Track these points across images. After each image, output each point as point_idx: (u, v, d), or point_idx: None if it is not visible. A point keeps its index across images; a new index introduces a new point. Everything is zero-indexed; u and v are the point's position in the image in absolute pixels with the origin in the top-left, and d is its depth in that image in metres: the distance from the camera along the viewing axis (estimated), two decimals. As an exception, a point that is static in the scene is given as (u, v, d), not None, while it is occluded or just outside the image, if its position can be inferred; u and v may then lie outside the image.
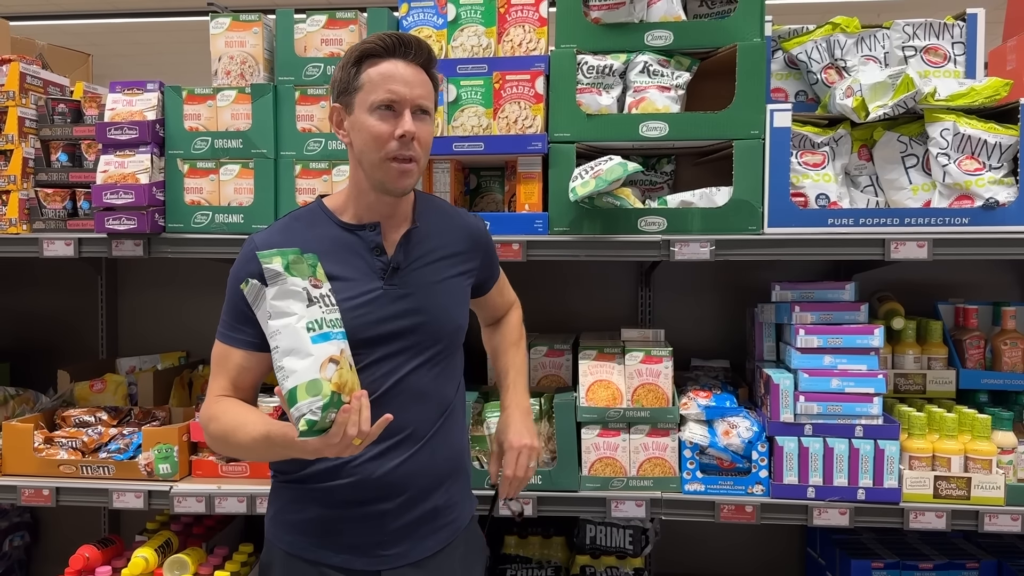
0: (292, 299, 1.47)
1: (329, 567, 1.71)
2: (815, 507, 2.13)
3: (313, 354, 1.43)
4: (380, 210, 1.73)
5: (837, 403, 2.14)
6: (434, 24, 2.33)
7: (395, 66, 1.64)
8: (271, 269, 1.47)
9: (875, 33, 2.40)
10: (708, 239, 2.13)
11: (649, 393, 2.24)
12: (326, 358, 1.44)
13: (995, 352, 2.37)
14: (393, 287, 1.70)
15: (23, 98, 2.53)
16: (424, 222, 1.79)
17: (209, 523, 2.62)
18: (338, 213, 1.75)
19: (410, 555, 1.73)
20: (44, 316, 3.07)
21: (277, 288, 1.47)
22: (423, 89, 1.66)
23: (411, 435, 1.71)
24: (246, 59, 2.37)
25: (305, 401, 1.40)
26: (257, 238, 1.72)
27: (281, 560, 1.75)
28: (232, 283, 1.70)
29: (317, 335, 1.45)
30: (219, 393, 1.71)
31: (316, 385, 1.41)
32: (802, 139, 2.26)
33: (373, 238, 1.71)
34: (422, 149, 1.67)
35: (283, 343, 1.45)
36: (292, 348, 1.44)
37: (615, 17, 2.25)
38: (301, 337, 1.44)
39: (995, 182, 2.14)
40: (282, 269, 1.47)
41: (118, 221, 2.27)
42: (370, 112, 1.63)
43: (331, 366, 1.44)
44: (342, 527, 1.71)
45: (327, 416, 1.41)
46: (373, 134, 1.63)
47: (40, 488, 2.32)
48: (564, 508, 2.23)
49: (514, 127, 2.25)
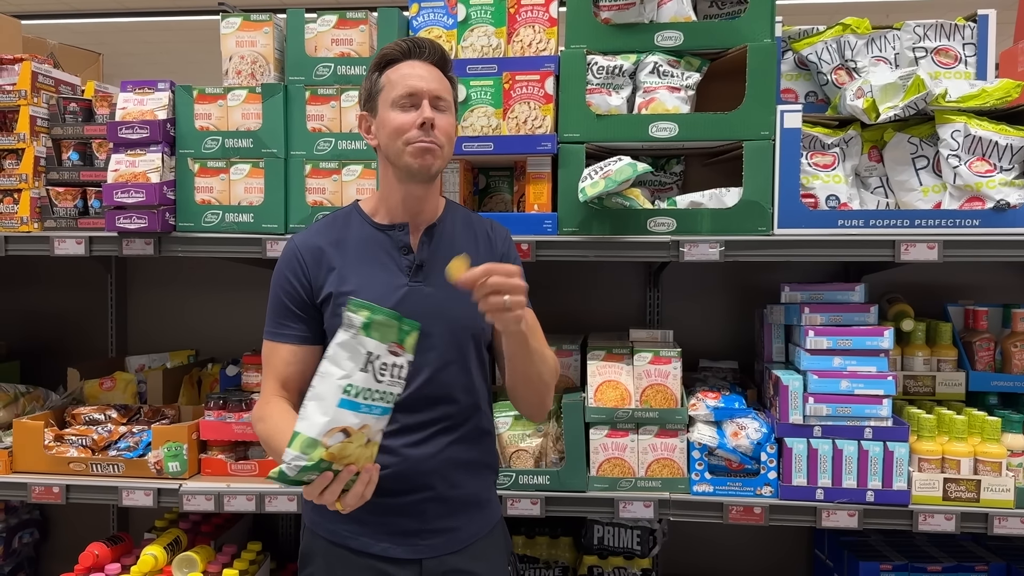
0: (350, 357, 1.44)
1: (371, 556, 1.75)
2: (824, 509, 2.13)
3: (330, 416, 1.42)
4: (409, 207, 1.80)
5: (846, 405, 2.14)
6: (444, 24, 2.33)
7: (412, 66, 1.75)
8: (351, 319, 1.44)
9: (885, 34, 2.40)
10: (717, 240, 2.13)
11: (658, 394, 2.24)
12: (339, 427, 1.43)
13: (1005, 354, 2.36)
14: (419, 284, 1.77)
15: (35, 97, 2.54)
16: (448, 223, 1.85)
17: (218, 521, 2.63)
18: (371, 215, 1.84)
19: (450, 544, 1.78)
20: (54, 314, 3.09)
21: (345, 338, 1.45)
22: (440, 84, 1.76)
23: (447, 428, 1.77)
24: (256, 59, 2.37)
25: (295, 453, 1.41)
26: (297, 239, 1.83)
27: (323, 549, 1.79)
28: (275, 282, 1.80)
29: (348, 400, 1.43)
30: (271, 393, 1.77)
31: (312, 445, 1.41)
32: (812, 140, 2.25)
33: (401, 237, 1.79)
34: (443, 136, 1.74)
35: (318, 386, 1.45)
36: (321, 397, 1.44)
37: (625, 17, 2.25)
38: (333, 394, 1.43)
39: (1006, 184, 2.13)
40: (360, 325, 1.44)
41: (129, 220, 2.28)
42: (392, 108, 1.73)
43: (339, 435, 1.43)
44: (384, 516, 1.75)
45: (303, 475, 1.43)
46: (395, 125, 1.72)
47: (50, 485, 2.33)
48: (572, 508, 2.23)
49: (524, 127, 2.25)
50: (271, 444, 1.68)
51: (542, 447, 2.29)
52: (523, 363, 1.75)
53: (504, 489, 2.23)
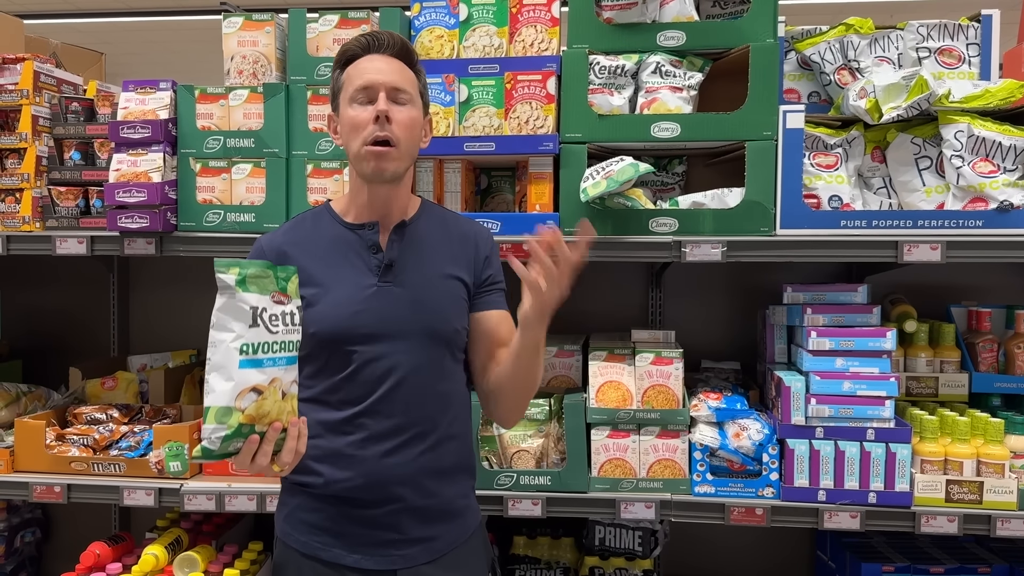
0: (235, 317, 1.43)
1: (344, 567, 1.72)
2: (826, 510, 2.12)
3: (235, 380, 1.40)
4: (376, 207, 1.77)
5: (849, 406, 2.13)
6: (446, 24, 2.33)
7: (371, 60, 1.72)
8: (223, 280, 1.42)
9: (889, 34, 2.39)
10: (720, 240, 2.13)
11: (659, 394, 2.24)
12: (248, 387, 1.41)
13: (1008, 356, 2.35)
14: (387, 284, 1.73)
15: (37, 96, 2.54)
16: (422, 222, 1.82)
17: (219, 521, 2.63)
18: (342, 214, 1.81)
19: (426, 553, 1.74)
20: (56, 313, 3.09)
21: (224, 301, 1.43)
22: (400, 76, 1.72)
23: (418, 434, 1.73)
24: (258, 58, 2.37)
25: (212, 426, 1.40)
26: (263, 239, 1.80)
27: (295, 561, 1.76)
28: None
29: (248, 360, 1.42)
30: None
31: (226, 413, 1.39)
32: (815, 140, 2.25)
33: (371, 236, 1.76)
34: (401, 131, 1.70)
35: (214, 358, 1.43)
36: (220, 366, 1.42)
37: (627, 17, 2.24)
38: (231, 358, 1.41)
39: (1010, 184, 2.12)
40: (234, 283, 1.42)
41: (130, 219, 2.28)
42: (350, 105, 1.71)
43: (251, 395, 1.41)
44: (356, 527, 1.72)
45: (228, 446, 1.42)
46: (352, 124, 1.70)
47: (52, 485, 2.33)
48: (573, 509, 2.22)
49: (525, 127, 2.24)
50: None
51: (543, 447, 2.28)
52: (529, 359, 1.72)
53: (505, 489, 2.22)
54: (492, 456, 2.28)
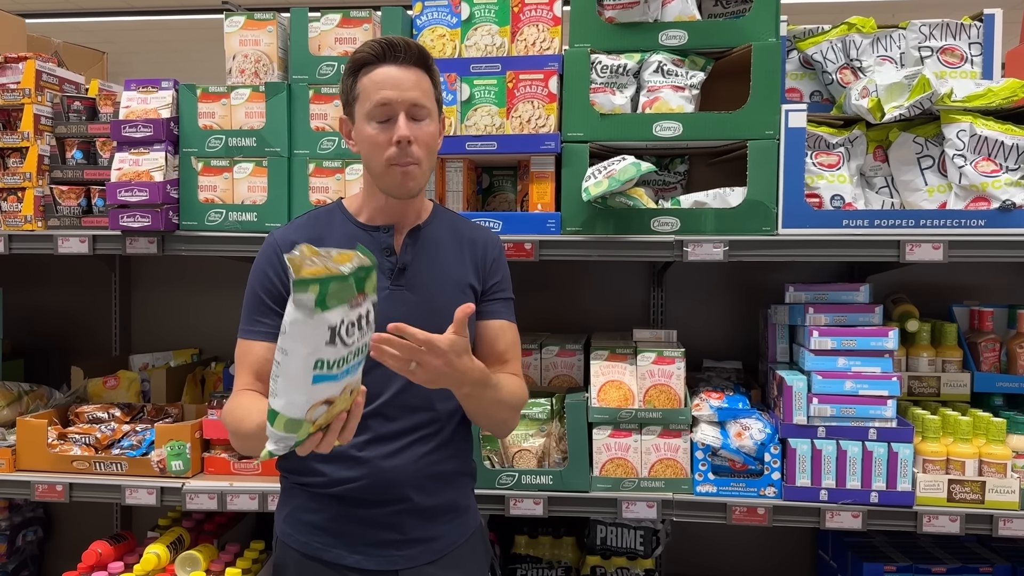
0: (312, 334, 1.26)
1: (345, 568, 1.72)
2: (827, 510, 2.12)
3: (307, 395, 1.29)
4: (391, 213, 1.76)
5: (851, 405, 2.13)
6: (448, 23, 2.33)
7: (387, 71, 1.66)
8: (300, 300, 1.24)
9: (891, 33, 2.39)
10: (721, 240, 2.12)
11: (661, 394, 2.24)
12: (321, 400, 1.31)
13: (1010, 355, 2.35)
14: (400, 288, 1.73)
15: (39, 95, 2.54)
16: (435, 227, 1.81)
17: (221, 520, 2.63)
18: (355, 214, 1.80)
19: (427, 553, 1.74)
20: (58, 313, 3.09)
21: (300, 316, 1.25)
22: (417, 90, 1.67)
23: (423, 437, 1.73)
24: (260, 58, 2.37)
25: (280, 434, 1.31)
26: (277, 234, 1.78)
27: (296, 561, 1.76)
28: (253, 278, 1.74)
29: (322, 375, 1.29)
30: (241, 388, 1.71)
31: (296, 425, 1.31)
32: (817, 140, 2.24)
33: (385, 240, 1.75)
34: (422, 150, 1.68)
35: (286, 364, 1.29)
36: (293, 375, 1.29)
37: (629, 16, 2.24)
38: (305, 372, 1.28)
39: (1012, 184, 2.12)
40: (313, 304, 1.24)
41: (132, 218, 2.28)
42: (367, 121, 1.67)
43: (322, 407, 1.32)
44: (357, 527, 1.72)
45: (295, 447, 1.35)
46: (372, 143, 1.67)
47: (53, 484, 2.33)
48: (575, 508, 2.22)
49: (527, 126, 2.24)
50: (240, 428, 1.59)
51: (545, 447, 2.28)
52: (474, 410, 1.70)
53: (507, 489, 2.22)
54: (494, 455, 2.28)
